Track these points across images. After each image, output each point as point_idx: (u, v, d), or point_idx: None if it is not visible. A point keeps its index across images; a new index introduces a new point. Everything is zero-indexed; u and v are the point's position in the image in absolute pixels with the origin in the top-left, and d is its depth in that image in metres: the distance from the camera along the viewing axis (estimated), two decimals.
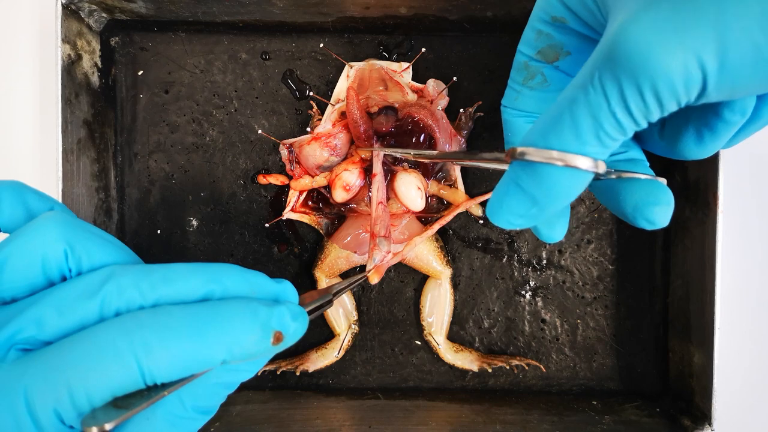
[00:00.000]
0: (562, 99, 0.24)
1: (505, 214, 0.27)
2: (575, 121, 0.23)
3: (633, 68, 0.21)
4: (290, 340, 0.25)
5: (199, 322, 0.22)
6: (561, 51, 0.30)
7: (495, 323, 0.47)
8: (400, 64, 0.44)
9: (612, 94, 0.22)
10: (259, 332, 0.23)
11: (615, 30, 0.22)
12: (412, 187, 0.43)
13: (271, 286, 0.26)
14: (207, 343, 0.22)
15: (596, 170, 0.24)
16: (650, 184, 0.28)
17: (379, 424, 0.43)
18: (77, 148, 0.43)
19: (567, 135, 0.24)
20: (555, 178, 0.25)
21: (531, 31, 0.30)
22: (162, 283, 0.23)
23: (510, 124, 0.33)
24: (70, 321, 0.22)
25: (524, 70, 0.31)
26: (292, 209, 0.45)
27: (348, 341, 0.46)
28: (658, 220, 0.27)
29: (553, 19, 0.29)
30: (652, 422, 0.43)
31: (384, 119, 0.43)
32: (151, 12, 0.44)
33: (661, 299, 0.47)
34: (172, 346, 0.22)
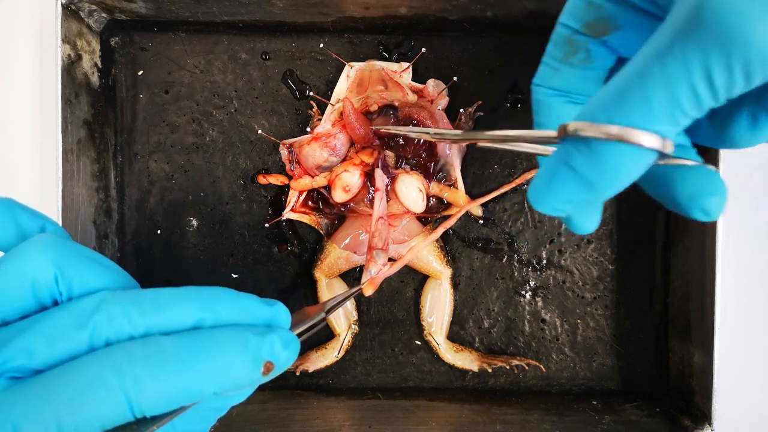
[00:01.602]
0: (629, 70, 0.22)
1: (552, 199, 0.24)
2: (646, 93, 0.21)
3: (724, 37, 0.19)
4: (280, 369, 0.24)
5: (189, 354, 0.22)
6: (611, 24, 0.27)
7: (495, 323, 0.47)
8: (400, 64, 0.44)
9: (695, 65, 0.20)
10: (249, 363, 0.23)
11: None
12: (413, 189, 0.43)
13: (263, 310, 0.25)
14: (197, 377, 0.22)
15: (663, 149, 0.21)
16: (705, 173, 0.25)
17: (379, 424, 0.43)
18: (77, 148, 0.43)
19: (635, 109, 0.21)
20: (616, 158, 0.22)
21: (579, 0, 0.27)
22: (152, 312, 0.23)
23: (543, 104, 0.30)
24: (60, 350, 0.22)
25: (566, 44, 0.28)
26: (292, 209, 0.45)
27: (348, 341, 0.46)
28: (714, 210, 0.25)
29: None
30: (652, 422, 0.43)
31: (383, 121, 0.43)
32: (151, 12, 0.44)
33: (661, 299, 0.47)
34: (161, 380, 0.22)
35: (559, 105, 0.29)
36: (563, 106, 0.29)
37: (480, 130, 0.31)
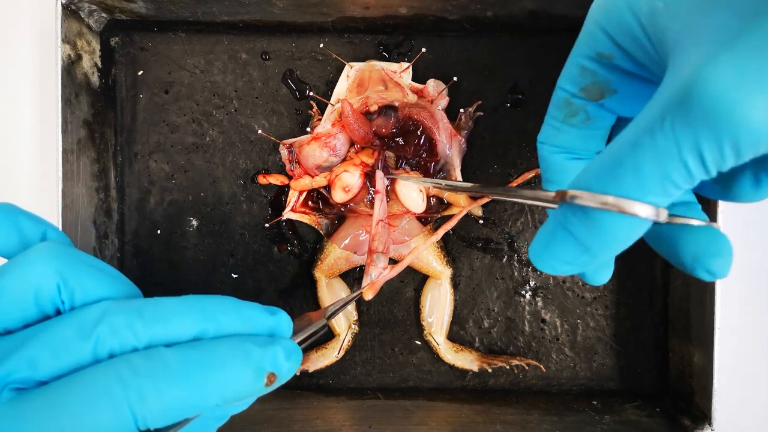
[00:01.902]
0: (622, 141, 0.22)
1: (551, 259, 0.25)
2: (639, 166, 0.21)
3: (714, 118, 0.19)
4: (283, 380, 0.24)
5: (193, 367, 0.22)
6: (607, 89, 0.28)
7: (495, 323, 0.47)
8: (400, 64, 0.44)
9: (685, 143, 0.20)
10: (252, 375, 0.23)
11: (691, 73, 0.20)
12: (413, 190, 0.43)
13: (265, 319, 0.25)
14: (201, 389, 0.22)
15: (657, 219, 0.22)
16: (709, 233, 0.26)
17: (379, 424, 0.43)
18: (77, 148, 0.43)
19: (628, 181, 0.22)
20: (611, 226, 0.23)
21: (574, 66, 0.28)
22: (155, 323, 0.23)
23: (548, 161, 0.31)
24: (64, 362, 0.22)
25: (566, 107, 0.29)
26: (292, 209, 0.45)
27: (348, 341, 0.46)
28: (720, 271, 0.25)
29: (599, 56, 0.27)
30: (652, 422, 0.43)
31: (383, 121, 0.43)
32: (151, 12, 0.44)
33: (661, 299, 0.47)
34: (166, 393, 0.22)
35: (562, 162, 0.30)
36: (567, 163, 0.30)
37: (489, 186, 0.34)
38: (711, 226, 0.26)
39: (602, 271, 0.29)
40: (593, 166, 0.23)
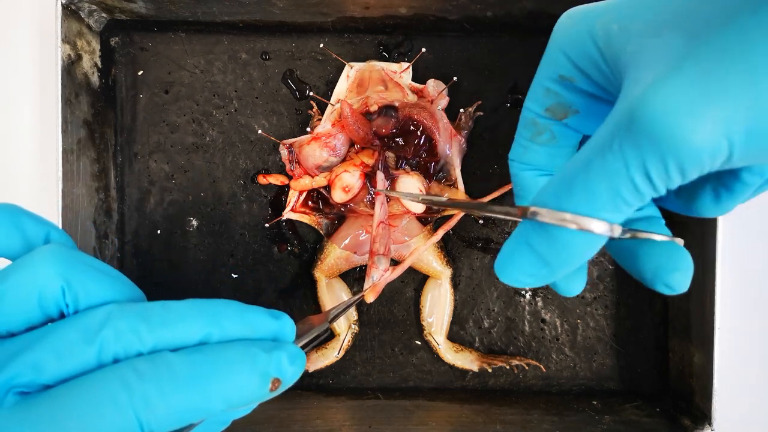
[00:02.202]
0: (577, 161, 0.23)
1: (514, 272, 0.26)
2: (590, 185, 0.23)
3: (657, 139, 0.20)
4: (287, 385, 0.25)
5: (198, 373, 0.23)
6: (569, 109, 0.29)
7: (495, 323, 0.47)
8: (400, 64, 0.44)
9: (632, 163, 0.21)
10: (257, 380, 0.23)
11: (637, 95, 0.21)
12: (413, 190, 0.43)
13: (269, 324, 0.25)
14: (206, 395, 0.23)
15: (611, 234, 0.23)
16: (669, 248, 0.27)
17: (379, 424, 0.43)
18: (77, 148, 0.43)
19: (581, 198, 0.23)
20: (567, 241, 0.24)
21: (539, 87, 0.29)
22: (160, 327, 0.23)
23: (518, 178, 0.32)
24: (68, 366, 0.22)
25: (532, 126, 0.30)
26: (292, 209, 0.45)
27: (348, 341, 0.46)
28: (678, 286, 0.26)
29: (561, 78, 0.28)
30: (652, 422, 0.43)
31: (383, 121, 0.43)
32: (151, 12, 0.44)
33: (661, 299, 0.47)
34: (171, 399, 0.22)
35: (532, 178, 0.32)
36: (535, 179, 0.32)
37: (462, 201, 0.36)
38: (672, 242, 0.27)
39: (573, 283, 0.30)
40: (551, 184, 0.25)
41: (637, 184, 0.22)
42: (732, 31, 0.20)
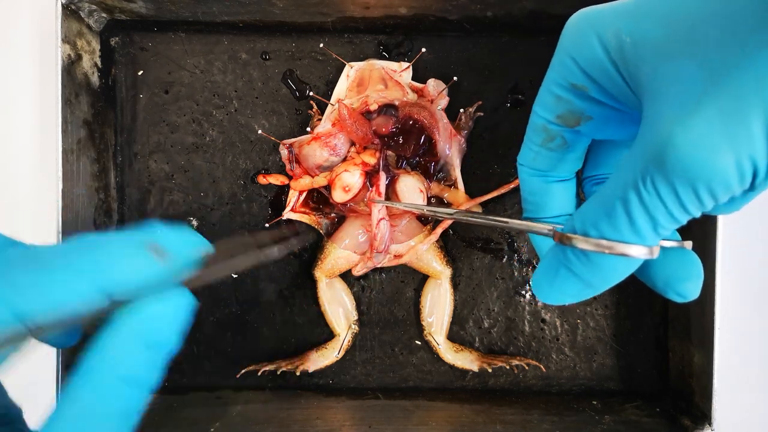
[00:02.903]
0: (611, 193, 0.24)
1: (557, 294, 0.27)
2: (631, 217, 0.24)
3: (689, 175, 0.22)
4: (177, 251, 0.23)
5: (68, 252, 0.22)
6: (582, 116, 0.29)
7: (495, 323, 0.47)
8: (400, 64, 0.44)
9: (668, 198, 0.23)
10: (132, 248, 0.23)
11: (663, 135, 0.22)
12: (414, 189, 0.43)
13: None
14: (79, 270, 0.22)
15: (651, 256, 0.25)
16: (680, 256, 0.28)
17: (379, 424, 0.43)
18: (77, 148, 0.43)
19: (621, 228, 0.24)
20: (609, 266, 0.25)
21: (549, 95, 0.29)
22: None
23: (528, 183, 0.32)
24: None
25: (542, 132, 0.30)
26: (292, 209, 0.45)
27: (348, 341, 0.46)
28: (689, 294, 0.27)
29: (573, 86, 0.28)
30: (652, 422, 0.43)
31: (383, 120, 0.43)
32: (151, 12, 0.44)
33: (661, 299, 0.47)
34: (42, 281, 0.21)
35: (541, 184, 0.32)
36: (546, 185, 0.32)
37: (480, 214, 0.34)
38: (683, 249, 0.28)
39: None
40: (587, 213, 0.25)
41: (674, 214, 0.23)
42: (747, 70, 0.21)
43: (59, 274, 0.22)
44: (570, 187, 0.32)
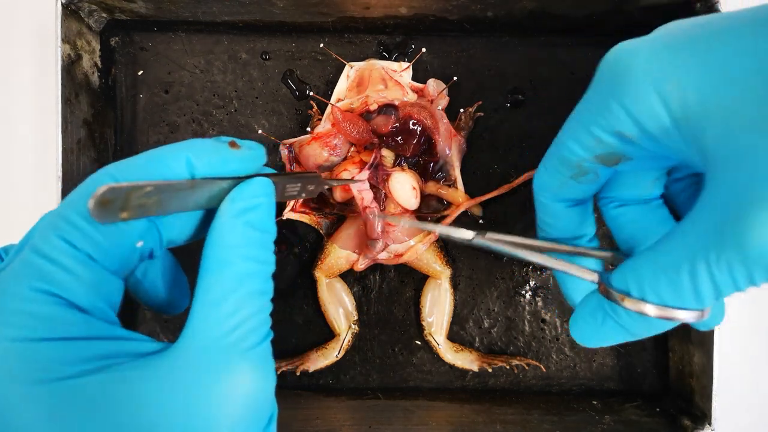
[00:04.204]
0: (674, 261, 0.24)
1: (600, 341, 0.28)
2: (698, 290, 0.23)
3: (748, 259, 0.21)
4: (249, 146, 0.27)
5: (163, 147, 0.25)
6: (623, 157, 0.27)
7: (495, 323, 0.47)
8: (400, 64, 0.44)
9: (740, 276, 0.22)
10: (213, 141, 0.26)
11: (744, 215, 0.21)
12: (406, 186, 0.43)
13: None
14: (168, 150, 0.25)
15: (703, 318, 0.25)
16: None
17: (379, 424, 0.43)
18: (77, 148, 0.43)
19: (687, 298, 0.24)
20: (661, 324, 0.26)
21: (588, 135, 0.27)
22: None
23: (548, 208, 0.31)
24: None
25: (575, 168, 0.28)
26: (292, 209, 0.45)
27: (348, 341, 0.46)
28: (710, 326, 0.30)
29: (619, 134, 0.25)
30: (652, 422, 0.43)
31: (383, 120, 0.43)
32: (151, 12, 0.44)
33: None
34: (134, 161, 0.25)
35: (562, 209, 0.31)
36: (566, 210, 0.31)
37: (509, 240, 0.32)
38: None
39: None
40: (645, 276, 0.25)
41: (741, 287, 0.23)
42: None
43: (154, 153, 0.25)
44: (588, 208, 0.32)
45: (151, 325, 0.48)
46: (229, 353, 0.24)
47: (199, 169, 0.25)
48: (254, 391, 0.24)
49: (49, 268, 0.23)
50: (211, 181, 0.25)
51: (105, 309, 0.24)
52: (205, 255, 0.25)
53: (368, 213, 0.42)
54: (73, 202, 0.24)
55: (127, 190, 0.22)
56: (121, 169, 0.24)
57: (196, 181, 0.25)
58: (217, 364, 0.23)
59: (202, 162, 0.25)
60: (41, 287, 0.23)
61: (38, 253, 0.23)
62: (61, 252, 0.23)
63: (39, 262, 0.23)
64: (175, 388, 0.23)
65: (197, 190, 0.25)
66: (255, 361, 0.24)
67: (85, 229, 0.23)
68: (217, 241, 0.25)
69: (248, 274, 0.25)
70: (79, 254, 0.23)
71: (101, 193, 0.21)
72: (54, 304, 0.23)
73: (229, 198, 0.26)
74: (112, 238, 0.24)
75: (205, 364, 0.23)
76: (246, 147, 0.26)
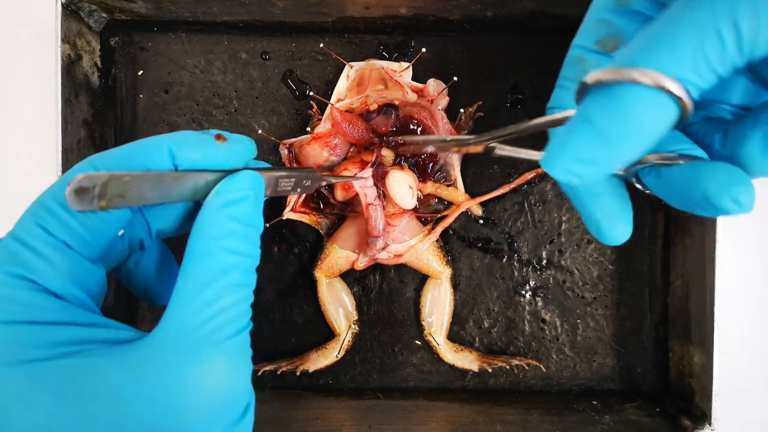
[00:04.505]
0: (659, 20, 0.22)
1: (566, 158, 0.23)
2: (669, 36, 0.21)
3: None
4: (236, 140, 0.26)
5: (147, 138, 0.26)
6: (621, 39, 0.27)
7: (495, 323, 0.47)
8: (400, 64, 0.44)
9: (722, 11, 0.20)
10: (199, 134, 0.26)
11: None
12: (403, 185, 0.43)
13: None
14: (151, 140, 0.25)
15: (685, 102, 0.21)
16: (729, 167, 0.25)
17: (379, 424, 0.43)
18: (77, 148, 0.43)
19: (662, 53, 0.21)
20: (635, 105, 0.21)
21: (590, 21, 0.28)
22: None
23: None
24: None
25: (578, 63, 0.28)
26: (292, 209, 0.45)
27: (348, 341, 0.46)
28: (745, 200, 0.23)
29: (618, 4, 0.27)
30: (652, 422, 0.43)
31: (383, 120, 0.43)
32: (151, 12, 0.44)
33: (661, 299, 0.47)
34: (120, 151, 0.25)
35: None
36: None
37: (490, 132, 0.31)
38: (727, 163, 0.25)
39: (616, 222, 0.28)
40: (626, 48, 0.22)
41: (724, 36, 0.20)
42: None
43: (137, 144, 0.26)
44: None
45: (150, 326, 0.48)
46: (202, 344, 0.24)
47: (182, 161, 0.25)
48: (227, 381, 0.24)
49: (25, 253, 0.23)
50: (197, 174, 0.25)
51: (81, 296, 0.24)
52: (189, 246, 0.25)
53: (371, 210, 0.42)
54: (53, 190, 0.24)
55: (104, 180, 0.22)
56: (103, 158, 0.25)
57: (179, 173, 0.25)
58: (189, 354, 0.23)
59: (184, 153, 0.25)
60: (16, 272, 0.23)
61: (16, 239, 0.23)
62: (36, 238, 0.23)
63: (16, 247, 0.23)
64: (145, 377, 0.23)
65: (181, 181, 0.25)
66: (229, 353, 0.24)
67: (61, 216, 0.24)
68: (200, 232, 0.25)
69: (229, 266, 0.25)
70: (55, 241, 0.23)
71: (77, 181, 0.22)
72: (28, 289, 0.23)
73: (215, 190, 0.26)
74: (90, 226, 0.24)
75: (177, 355, 0.23)
76: (233, 140, 0.27)
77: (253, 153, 0.28)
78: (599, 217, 0.28)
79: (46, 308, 0.23)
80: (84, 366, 0.22)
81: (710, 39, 0.20)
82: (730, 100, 0.28)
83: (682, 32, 0.21)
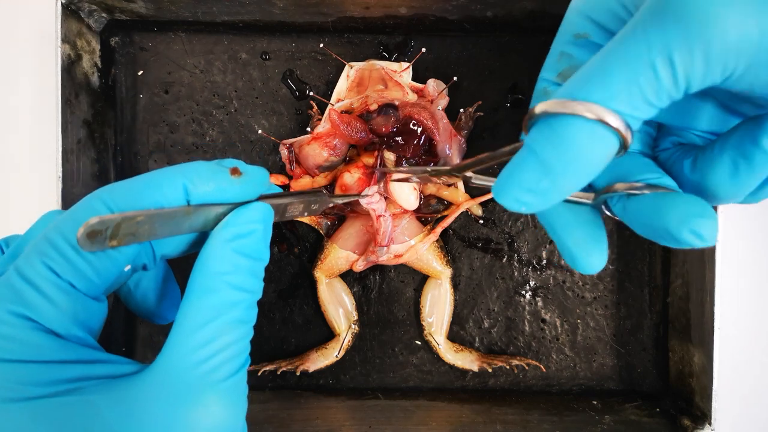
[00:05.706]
0: (593, 58, 0.22)
1: (513, 188, 0.23)
2: (606, 72, 0.21)
3: (686, 19, 0.19)
4: (252, 173, 0.26)
5: (160, 170, 0.25)
6: None
7: (495, 323, 0.47)
8: (400, 64, 0.44)
9: (655, 44, 0.20)
10: (214, 166, 0.25)
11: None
12: (406, 186, 0.43)
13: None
14: (164, 174, 0.25)
15: (623, 133, 0.21)
16: (692, 199, 0.24)
17: (379, 424, 0.43)
18: (77, 148, 0.43)
19: (595, 86, 0.21)
20: (573, 136, 0.21)
21: (553, 54, 0.29)
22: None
23: None
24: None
25: (543, 96, 0.29)
26: None
27: (348, 341, 0.46)
28: (706, 233, 0.23)
29: (576, 37, 0.27)
30: (652, 422, 0.43)
31: (383, 120, 0.43)
32: (151, 12, 0.44)
33: (661, 299, 0.47)
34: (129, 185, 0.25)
35: None
36: None
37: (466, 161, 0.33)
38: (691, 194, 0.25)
39: (590, 253, 0.28)
40: (570, 80, 0.22)
41: (658, 70, 0.20)
42: None
43: (149, 177, 0.25)
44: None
45: (151, 328, 0.48)
46: (199, 384, 0.23)
47: (195, 196, 0.25)
48: (223, 421, 0.24)
49: (30, 293, 0.23)
50: (208, 207, 0.25)
51: (82, 334, 0.24)
52: (192, 279, 0.25)
53: (382, 221, 0.43)
54: (63, 227, 0.23)
55: (117, 221, 0.22)
56: (114, 195, 0.24)
57: (191, 208, 0.24)
58: (186, 394, 0.23)
59: (198, 189, 0.25)
60: (18, 311, 0.23)
61: (21, 277, 0.23)
62: (43, 278, 0.23)
63: (21, 285, 0.23)
64: (141, 414, 0.22)
65: (193, 216, 0.24)
66: (226, 393, 0.24)
67: (70, 257, 0.23)
68: (204, 266, 0.25)
69: (231, 303, 0.25)
70: (62, 282, 0.23)
71: (90, 225, 0.21)
72: (29, 328, 0.23)
73: (222, 223, 0.25)
74: (98, 265, 0.24)
75: (173, 395, 0.23)
76: (248, 174, 0.26)
77: (266, 185, 0.27)
78: (571, 245, 0.28)
79: (46, 348, 0.23)
80: (80, 403, 0.22)
81: (645, 73, 0.21)
82: (699, 126, 0.29)
83: (618, 66, 0.21)
